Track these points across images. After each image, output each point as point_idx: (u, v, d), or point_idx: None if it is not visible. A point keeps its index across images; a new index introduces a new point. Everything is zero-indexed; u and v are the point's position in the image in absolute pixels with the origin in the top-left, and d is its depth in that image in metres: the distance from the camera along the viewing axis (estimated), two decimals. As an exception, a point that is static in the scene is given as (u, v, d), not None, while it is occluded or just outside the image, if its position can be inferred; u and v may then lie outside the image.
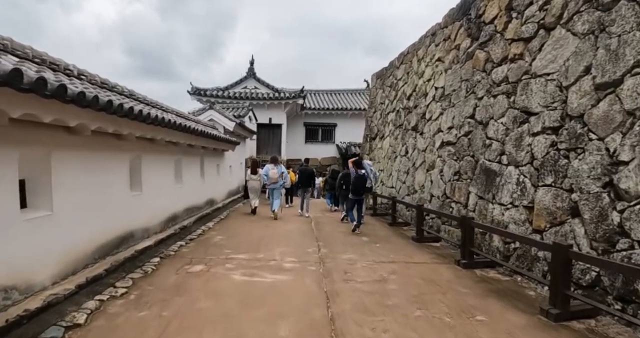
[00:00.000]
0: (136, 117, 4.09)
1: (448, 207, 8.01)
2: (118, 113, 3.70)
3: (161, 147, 5.97)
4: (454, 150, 8.32)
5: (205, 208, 8.98)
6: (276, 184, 9.28)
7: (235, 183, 13.18)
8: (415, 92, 11.35)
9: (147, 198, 5.57)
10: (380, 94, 15.18)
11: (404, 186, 10.87)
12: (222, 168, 10.93)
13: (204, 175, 8.89)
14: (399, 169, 11.47)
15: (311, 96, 22.04)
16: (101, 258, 4.45)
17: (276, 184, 9.28)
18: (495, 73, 7.34)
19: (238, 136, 13.30)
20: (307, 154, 20.59)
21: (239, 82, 18.42)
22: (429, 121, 10.00)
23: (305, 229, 7.45)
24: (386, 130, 13.61)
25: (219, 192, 10.51)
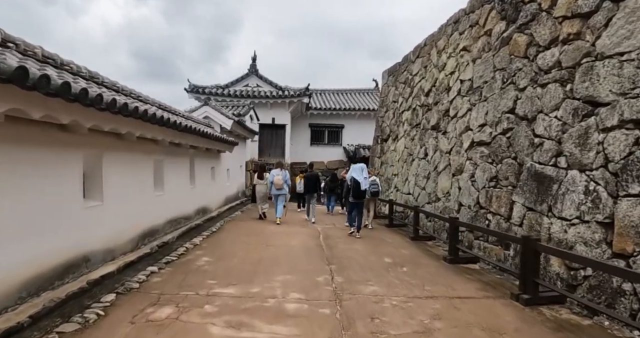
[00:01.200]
0: (77, 99, 2.87)
1: (482, 219, 6.70)
2: (41, 89, 2.47)
3: (132, 144, 4.75)
4: (488, 151, 7.02)
5: (196, 218, 7.75)
6: (281, 190, 9.02)
7: (234, 189, 11.94)
8: (435, 87, 10.09)
9: (110, 209, 4.34)
10: (392, 92, 13.92)
11: (423, 193, 9.55)
12: (217, 171, 9.71)
13: (195, 179, 7.67)
14: (417, 173, 10.16)
15: (317, 96, 20.85)
16: (33, 296, 3.20)
17: (281, 190, 9.02)
18: (542, 58, 6.06)
19: (237, 136, 12.09)
20: (312, 156, 19.39)
21: (240, 80, 17.27)
22: (453, 119, 8.71)
23: (313, 245, 6.18)
24: (400, 131, 12.33)
25: (213, 199, 9.27)
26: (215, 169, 9.40)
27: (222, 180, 10.28)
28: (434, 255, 5.99)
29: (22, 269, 3.11)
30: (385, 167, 13.25)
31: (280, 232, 7.36)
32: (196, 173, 7.79)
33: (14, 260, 3.00)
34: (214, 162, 9.31)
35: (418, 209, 7.76)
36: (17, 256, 3.03)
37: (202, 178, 8.22)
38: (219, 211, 9.39)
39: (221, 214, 9.15)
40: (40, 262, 3.31)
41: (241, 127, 11.20)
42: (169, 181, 6.23)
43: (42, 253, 3.32)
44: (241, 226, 7.85)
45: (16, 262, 3.04)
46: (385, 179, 12.97)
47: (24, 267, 3.13)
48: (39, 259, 3.29)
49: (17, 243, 3.04)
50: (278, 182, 8.77)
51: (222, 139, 8.39)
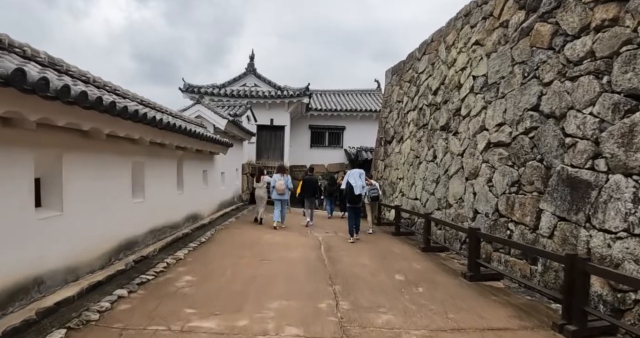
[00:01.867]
0: (10, 82, 2.18)
1: (502, 229, 6.00)
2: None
3: (102, 143, 4.06)
4: (507, 153, 6.34)
5: (185, 226, 7.04)
6: (283, 195, 8.80)
7: (229, 193, 11.24)
8: (444, 85, 9.43)
9: (73, 220, 3.64)
10: (397, 91, 13.26)
11: (432, 198, 8.85)
12: (210, 175, 9.02)
13: (183, 183, 6.97)
14: (425, 176, 9.47)
15: (317, 97, 20.19)
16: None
17: (283, 195, 8.80)
18: (571, 49, 5.41)
19: (233, 138, 11.40)
20: (312, 159, 18.70)
21: (237, 79, 16.61)
22: (465, 118, 8.04)
23: (313, 259, 5.45)
24: (405, 132, 11.65)
25: (205, 205, 8.57)
26: (207, 172, 8.70)
27: (216, 184, 9.58)
28: (450, 271, 5.28)
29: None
30: (390, 170, 12.56)
31: (277, 242, 6.66)
32: (185, 177, 7.09)
33: None
34: (207, 165, 8.61)
35: (430, 217, 7.04)
36: None
37: (192, 182, 7.52)
38: (211, 218, 8.67)
39: (214, 221, 8.43)
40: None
41: (237, 128, 10.52)
42: (152, 186, 5.53)
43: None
44: (235, 235, 7.13)
45: None
46: (390, 183, 12.27)
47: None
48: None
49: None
50: (280, 187, 8.56)
51: (215, 139, 7.71)
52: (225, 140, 8.82)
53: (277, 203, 8.81)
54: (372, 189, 8.94)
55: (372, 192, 8.85)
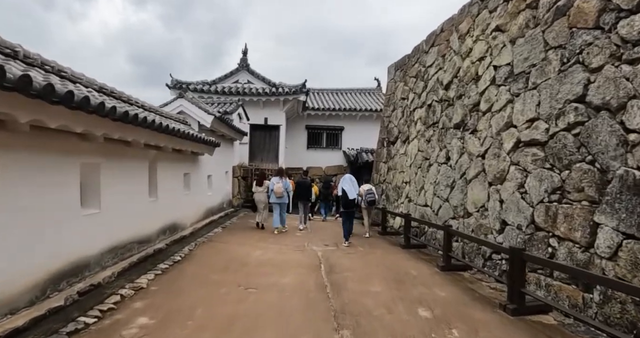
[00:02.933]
0: None
1: (541, 245, 4.97)
2: None
3: (25, 138, 2.97)
4: (544, 153, 5.34)
5: (159, 240, 5.94)
6: (281, 199, 8.65)
7: (217, 199, 10.13)
8: (457, 78, 8.45)
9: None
10: (401, 88, 12.27)
11: (446, 205, 7.82)
12: (194, 178, 7.92)
13: (157, 189, 5.88)
14: (437, 181, 8.44)
15: (315, 96, 19.17)
16: None
17: (281, 199, 8.65)
18: (627, 26, 4.43)
19: (222, 137, 10.31)
20: (309, 161, 17.65)
21: (229, 76, 15.53)
22: (486, 114, 7.05)
23: (312, 286, 4.26)
24: (412, 131, 10.65)
25: (187, 213, 7.47)
26: (190, 176, 7.60)
27: (201, 188, 8.47)
28: (482, 299, 4.22)
29: None
30: (394, 174, 11.52)
31: (268, 260, 5.52)
32: (160, 181, 5.99)
33: None
34: (189, 167, 7.52)
35: (451, 230, 5.97)
36: None
37: (169, 187, 6.42)
38: (195, 228, 7.56)
39: (197, 232, 7.32)
40: None
41: (225, 126, 9.43)
42: (112, 193, 4.43)
43: None
44: (218, 250, 5.95)
45: None
46: (394, 188, 11.23)
47: None
48: None
49: None
50: (278, 190, 8.43)
51: (197, 137, 6.62)
52: (211, 139, 7.74)
53: (275, 207, 8.60)
54: (369, 193, 8.69)
55: (369, 197, 8.59)
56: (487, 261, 6.06)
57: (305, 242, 7.28)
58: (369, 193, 8.71)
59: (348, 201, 7.93)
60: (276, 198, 8.52)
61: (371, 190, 8.90)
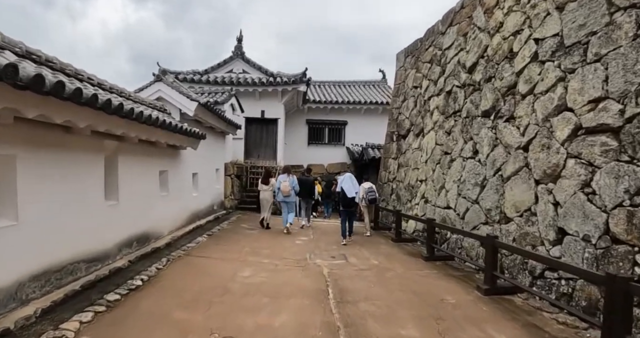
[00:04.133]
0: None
1: (623, 262, 3.72)
2: None
3: None
4: (617, 142, 4.10)
5: (121, 255, 4.67)
6: (289, 197, 8.41)
7: (205, 200, 8.86)
8: (484, 59, 7.21)
9: None
10: (412, 76, 11.00)
11: (475, 208, 6.56)
12: (174, 177, 6.66)
13: (119, 190, 4.62)
14: (462, 178, 7.19)
15: (316, 88, 17.88)
16: None
17: (289, 197, 8.41)
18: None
19: (211, 130, 9.05)
20: (310, 158, 16.40)
21: (222, 65, 14.24)
22: (526, 97, 5.82)
23: (319, 328, 3.01)
24: (427, 123, 9.39)
25: (164, 218, 6.21)
26: (168, 174, 6.34)
27: (183, 189, 7.21)
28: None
29: None
30: (406, 171, 10.26)
31: (259, 284, 4.16)
32: (123, 181, 4.73)
33: None
34: (166, 164, 6.25)
35: (499, 244, 4.63)
36: None
37: (137, 187, 5.15)
38: (173, 236, 6.29)
39: (176, 242, 6.04)
40: None
41: (214, 115, 8.14)
42: (39, 196, 3.18)
43: None
44: (195, 269, 4.59)
45: None
46: (406, 187, 9.97)
47: None
48: None
49: None
50: (285, 189, 8.19)
51: (174, 127, 5.36)
52: (194, 130, 6.48)
53: (283, 206, 8.39)
54: (370, 191, 8.56)
55: (370, 195, 8.49)
56: (537, 279, 4.80)
57: (307, 252, 5.99)
58: (369, 192, 8.53)
59: (347, 200, 7.91)
60: (283, 197, 8.23)
61: (372, 188, 8.68)
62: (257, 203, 10.41)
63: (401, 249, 6.82)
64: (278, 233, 7.93)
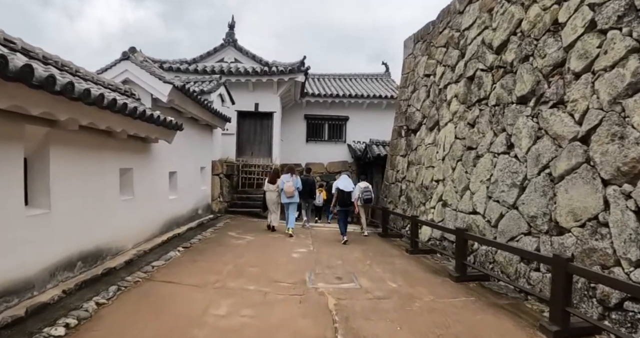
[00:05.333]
0: None
1: None
2: None
3: None
4: None
5: (54, 283, 3.44)
6: (292, 198, 8.23)
7: (187, 204, 7.62)
8: (517, 36, 6.10)
9: None
10: (423, 63, 9.82)
11: (512, 214, 5.37)
12: (142, 176, 5.43)
13: (51, 193, 3.40)
14: (492, 178, 6.01)
15: (315, 82, 16.66)
16: None
17: (292, 198, 8.23)
18: None
19: (193, 122, 7.81)
20: (308, 156, 15.19)
21: (212, 53, 12.94)
22: (582, 75, 4.66)
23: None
24: (444, 114, 8.21)
25: (127, 229, 4.96)
26: (133, 173, 5.10)
27: (157, 191, 5.97)
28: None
29: None
30: (417, 169, 9.06)
31: (236, 332, 2.88)
32: (58, 181, 3.49)
33: None
34: (130, 160, 5.01)
35: (575, 268, 3.35)
36: None
37: (83, 190, 3.92)
38: (139, 250, 5.04)
39: (141, 258, 4.74)
40: None
41: (195, 104, 6.88)
42: None
43: None
44: (153, 304, 3.35)
45: None
46: (418, 187, 8.77)
47: None
48: None
49: None
50: (289, 190, 8.02)
51: (134, 111, 4.12)
52: (168, 118, 5.24)
53: (287, 207, 8.18)
54: (366, 191, 8.47)
55: (366, 194, 8.43)
56: (613, 312, 3.61)
57: (306, 271, 4.72)
58: (365, 191, 8.44)
59: (345, 198, 7.94)
60: (287, 198, 8.05)
61: (368, 188, 8.58)
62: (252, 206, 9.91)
63: (420, 264, 5.61)
64: (271, 242, 6.72)
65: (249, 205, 10.55)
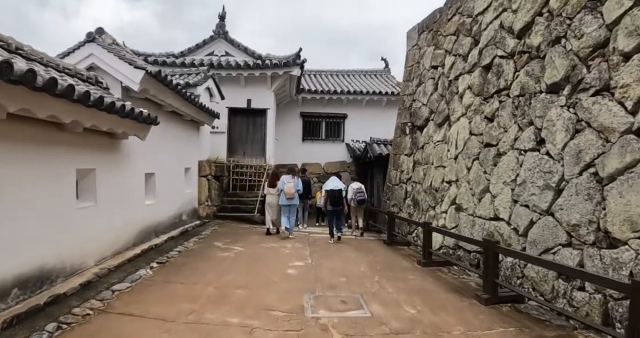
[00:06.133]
0: None
1: None
2: None
3: None
4: None
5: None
6: (292, 200, 7.89)
7: (168, 209, 6.75)
8: (543, 16, 5.37)
9: None
10: (430, 54, 9.07)
11: (546, 221, 4.60)
12: (108, 178, 4.58)
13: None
14: (519, 178, 5.23)
15: (311, 78, 15.84)
16: None
17: (292, 200, 7.89)
18: None
19: (176, 116, 6.96)
20: (305, 156, 14.38)
21: (201, 46, 12.05)
22: (633, 56, 3.87)
23: None
24: (455, 108, 7.45)
25: (89, 241, 4.10)
26: (97, 174, 4.24)
27: (128, 195, 5.10)
28: None
29: None
30: (425, 170, 8.28)
31: None
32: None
33: None
34: (91, 158, 4.15)
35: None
36: None
37: (16, 198, 3.07)
38: (102, 268, 4.14)
39: (102, 279, 3.82)
40: None
41: (175, 95, 5.97)
42: None
43: None
44: None
45: None
46: (427, 189, 7.99)
47: None
48: None
49: None
50: (290, 191, 7.77)
51: (84, 96, 3.27)
52: (140, 110, 4.40)
53: (284, 209, 7.87)
54: (359, 192, 8.36)
55: (359, 196, 8.31)
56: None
57: (305, 293, 3.86)
58: (358, 192, 8.33)
59: (335, 197, 7.88)
60: (286, 200, 7.75)
61: (361, 189, 8.49)
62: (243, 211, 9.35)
63: (437, 280, 4.80)
64: (263, 254, 5.88)
65: (240, 209, 9.69)
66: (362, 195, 8.34)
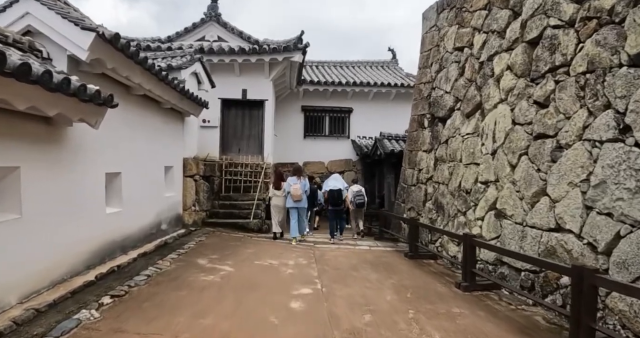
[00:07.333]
0: None
1: None
2: None
3: None
4: None
5: None
6: (300, 203, 7.51)
7: (142, 218, 5.48)
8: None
9: None
10: (453, 34, 7.86)
11: (639, 235, 3.32)
12: (45, 180, 3.37)
13: None
14: (594, 177, 4.02)
15: (313, 69, 14.60)
16: None
17: (300, 203, 7.51)
18: None
19: (151, 103, 5.72)
20: (306, 154, 13.19)
21: (191, 30, 10.76)
22: None
23: None
24: (491, 93, 6.24)
25: (10, 269, 2.87)
26: (21, 175, 3.03)
27: (79, 202, 3.84)
28: None
29: None
30: (451, 168, 7.07)
31: None
32: None
33: None
34: (10, 152, 2.94)
35: None
36: None
37: None
38: (27, 310, 2.81)
39: (19, 329, 2.64)
40: None
41: (144, 71, 4.64)
42: None
43: None
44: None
45: None
46: (454, 191, 6.78)
47: None
48: None
49: None
50: (296, 193, 7.35)
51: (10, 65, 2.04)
52: (82, 84, 3.18)
53: (293, 212, 7.54)
54: (358, 195, 8.34)
55: (358, 199, 8.30)
56: None
57: (320, 331, 2.66)
58: (357, 195, 8.32)
59: (335, 197, 7.97)
60: (293, 203, 7.47)
61: (361, 191, 8.47)
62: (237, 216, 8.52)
63: (492, 315, 3.53)
64: (259, 277, 4.55)
65: (233, 215, 8.44)
66: (361, 199, 8.31)
